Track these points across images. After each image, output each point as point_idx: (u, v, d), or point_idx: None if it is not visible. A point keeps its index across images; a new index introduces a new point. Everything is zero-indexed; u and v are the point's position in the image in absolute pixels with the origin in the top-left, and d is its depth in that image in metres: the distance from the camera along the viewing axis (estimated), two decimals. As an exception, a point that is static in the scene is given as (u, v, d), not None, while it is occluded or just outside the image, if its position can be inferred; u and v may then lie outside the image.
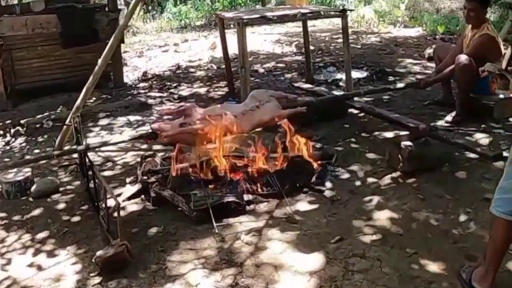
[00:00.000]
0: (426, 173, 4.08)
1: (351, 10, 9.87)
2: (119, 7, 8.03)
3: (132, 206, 3.95)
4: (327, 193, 3.90)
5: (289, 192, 3.88)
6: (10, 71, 6.97)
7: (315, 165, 4.04)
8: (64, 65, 7.36)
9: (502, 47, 5.29)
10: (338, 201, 3.81)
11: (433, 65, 8.00)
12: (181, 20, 13.92)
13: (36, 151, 5.36)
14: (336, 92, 6.14)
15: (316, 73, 7.68)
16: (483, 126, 4.98)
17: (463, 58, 4.98)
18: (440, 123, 5.16)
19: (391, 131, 4.98)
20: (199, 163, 3.85)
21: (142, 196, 4.03)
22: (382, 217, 3.56)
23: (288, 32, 11.50)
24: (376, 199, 3.81)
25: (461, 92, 5.20)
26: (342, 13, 6.02)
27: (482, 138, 4.68)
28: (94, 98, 7.00)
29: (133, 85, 7.89)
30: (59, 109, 6.66)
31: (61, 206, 4.10)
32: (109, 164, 4.84)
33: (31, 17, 6.80)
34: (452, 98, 5.62)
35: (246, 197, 3.76)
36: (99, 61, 4.86)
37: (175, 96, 7.06)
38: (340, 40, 10.83)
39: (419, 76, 7.43)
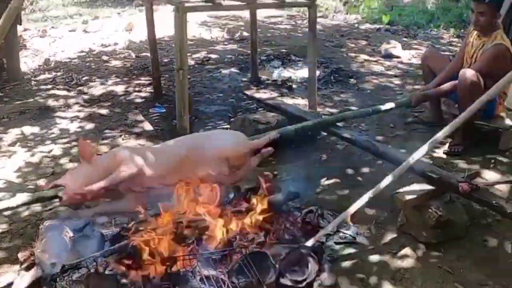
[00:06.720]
0: (453, 244, 2.97)
1: None
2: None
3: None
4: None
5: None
6: None
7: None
8: None
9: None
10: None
11: (391, 63, 7.04)
12: (91, -8, 12.17)
13: None
14: (303, 111, 4.60)
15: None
16: (493, 162, 3.95)
17: (469, 74, 3.93)
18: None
19: (385, 168, 3.72)
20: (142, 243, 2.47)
21: (43, 289, 2.59)
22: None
23: (216, 13, 9.96)
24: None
25: (466, 115, 4.09)
26: (311, 2, 4.71)
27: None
28: (-21, 98, 5.34)
29: (32, 77, 6.21)
30: None
31: None
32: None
33: None
34: (441, 116, 4.66)
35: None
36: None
37: (85, 97, 5.49)
38: (282, 26, 9.66)
39: (382, 80, 6.38)
